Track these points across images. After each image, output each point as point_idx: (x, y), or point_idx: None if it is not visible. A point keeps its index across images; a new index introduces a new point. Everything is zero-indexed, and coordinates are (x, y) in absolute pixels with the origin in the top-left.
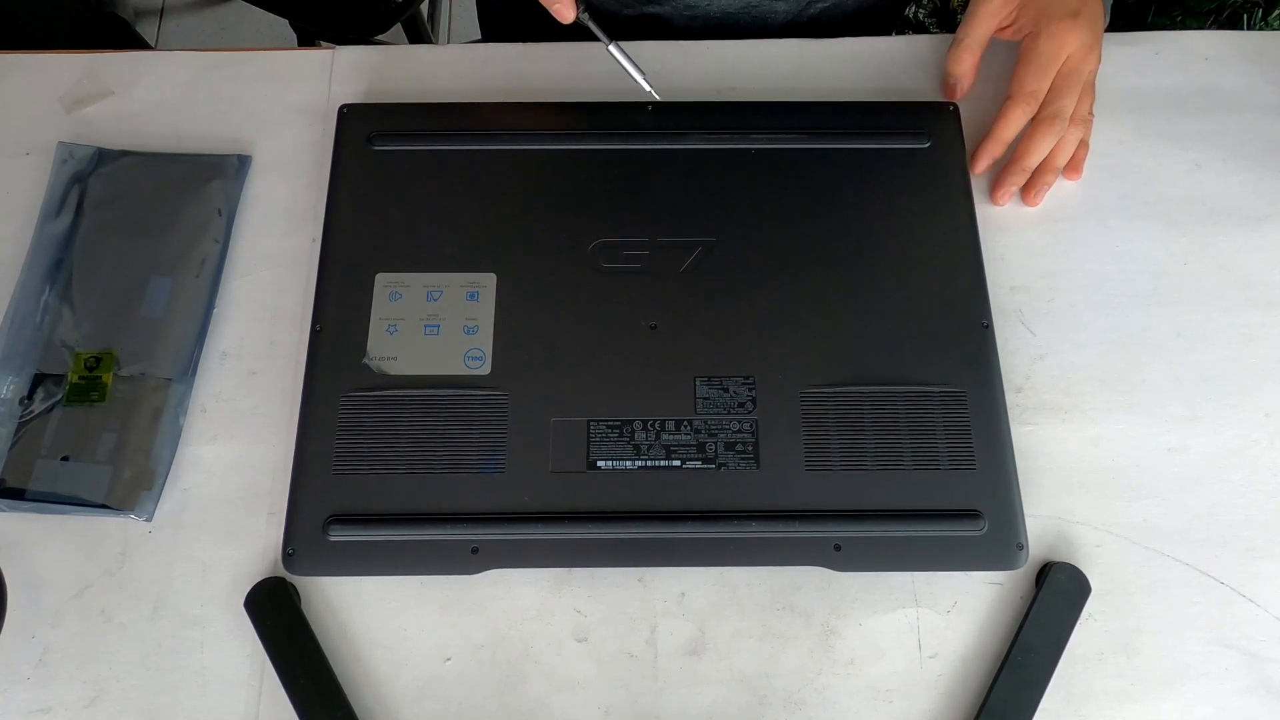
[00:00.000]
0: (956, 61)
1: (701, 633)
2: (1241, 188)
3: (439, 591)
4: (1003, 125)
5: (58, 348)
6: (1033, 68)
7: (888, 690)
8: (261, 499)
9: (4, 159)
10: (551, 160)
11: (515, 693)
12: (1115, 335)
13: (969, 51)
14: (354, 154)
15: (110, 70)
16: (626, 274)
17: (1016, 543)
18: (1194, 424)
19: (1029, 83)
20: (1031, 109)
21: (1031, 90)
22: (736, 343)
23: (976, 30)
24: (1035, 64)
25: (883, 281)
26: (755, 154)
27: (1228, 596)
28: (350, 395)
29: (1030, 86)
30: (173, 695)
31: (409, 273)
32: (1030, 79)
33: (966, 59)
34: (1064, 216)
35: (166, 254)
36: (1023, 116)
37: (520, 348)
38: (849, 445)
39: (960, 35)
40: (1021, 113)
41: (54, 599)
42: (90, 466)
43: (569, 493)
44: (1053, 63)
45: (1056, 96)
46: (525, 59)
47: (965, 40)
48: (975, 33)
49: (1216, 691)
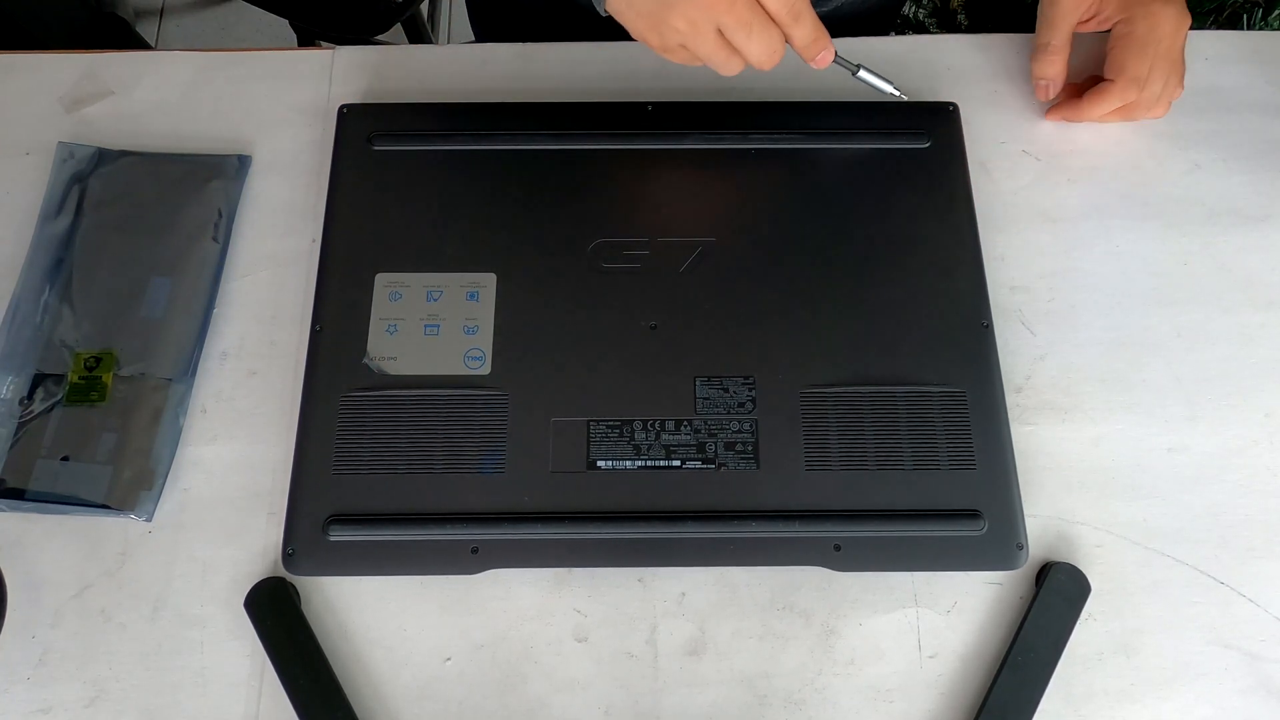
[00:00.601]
0: (1048, 65)
1: (701, 633)
2: (1241, 188)
3: (439, 591)
4: (1097, 104)
5: (58, 348)
6: (1133, 51)
7: (888, 690)
8: (261, 499)
9: (4, 159)
10: (551, 160)
11: (515, 693)
12: (1115, 335)
13: (1058, 54)
14: (354, 154)
15: (110, 70)
16: (626, 274)
17: (1016, 543)
18: (1194, 424)
19: (1131, 67)
20: (1134, 94)
21: (1134, 76)
22: (736, 343)
23: (1060, 31)
24: (1134, 47)
25: (883, 281)
26: (755, 154)
27: (1228, 596)
28: (350, 395)
29: (1133, 72)
30: (173, 695)
31: (409, 273)
32: (1132, 64)
33: (1057, 62)
34: (1064, 216)
35: (166, 254)
36: (1120, 100)
37: (520, 348)
38: (849, 445)
39: (1044, 39)
40: (1121, 97)
41: (54, 599)
42: (90, 466)
43: (569, 493)
44: (1151, 45)
45: (1150, 81)
46: (525, 59)
47: (1051, 43)
48: (1060, 34)
49: (1216, 691)
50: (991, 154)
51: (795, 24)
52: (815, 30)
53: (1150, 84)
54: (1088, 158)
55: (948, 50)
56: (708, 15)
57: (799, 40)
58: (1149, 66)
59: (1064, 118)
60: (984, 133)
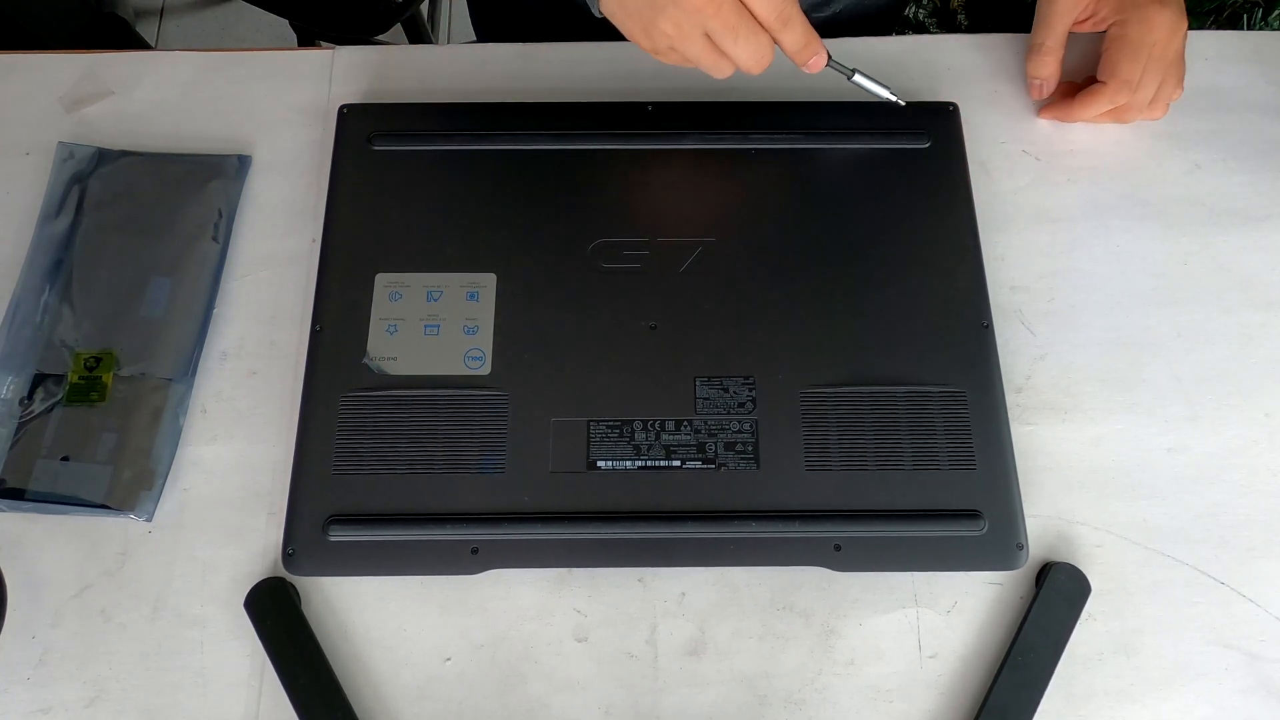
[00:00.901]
0: (1041, 66)
1: (701, 633)
2: (1241, 188)
3: (439, 591)
4: (1088, 106)
5: (58, 348)
6: (1126, 53)
7: (888, 690)
8: (261, 499)
9: (4, 159)
10: (551, 160)
11: (515, 693)
12: (1115, 335)
13: (1052, 54)
14: (354, 154)
15: (110, 70)
16: (626, 274)
17: (1016, 543)
18: (1194, 424)
19: (1123, 70)
20: (1125, 96)
21: (1126, 78)
22: (736, 343)
23: (1055, 31)
24: (1128, 50)
25: (883, 281)
26: (755, 154)
27: (1228, 596)
28: (350, 395)
29: (1125, 74)
30: (173, 695)
31: (409, 273)
32: (1125, 66)
33: (1050, 62)
34: (1064, 216)
35: (166, 254)
36: (1111, 103)
37: (520, 348)
38: (849, 445)
39: (1039, 39)
40: (1112, 100)
41: (54, 599)
42: (90, 466)
43: (569, 493)
44: (1144, 47)
45: (1143, 85)
46: (525, 59)
47: (1046, 44)
48: (1054, 34)
49: (1216, 691)
50: (991, 154)
51: (784, 29)
52: (806, 35)
53: (1143, 87)
54: (1087, 157)
55: (948, 50)
56: (694, 20)
57: (789, 46)
58: (1141, 69)
59: (1056, 117)
60: (984, 133)
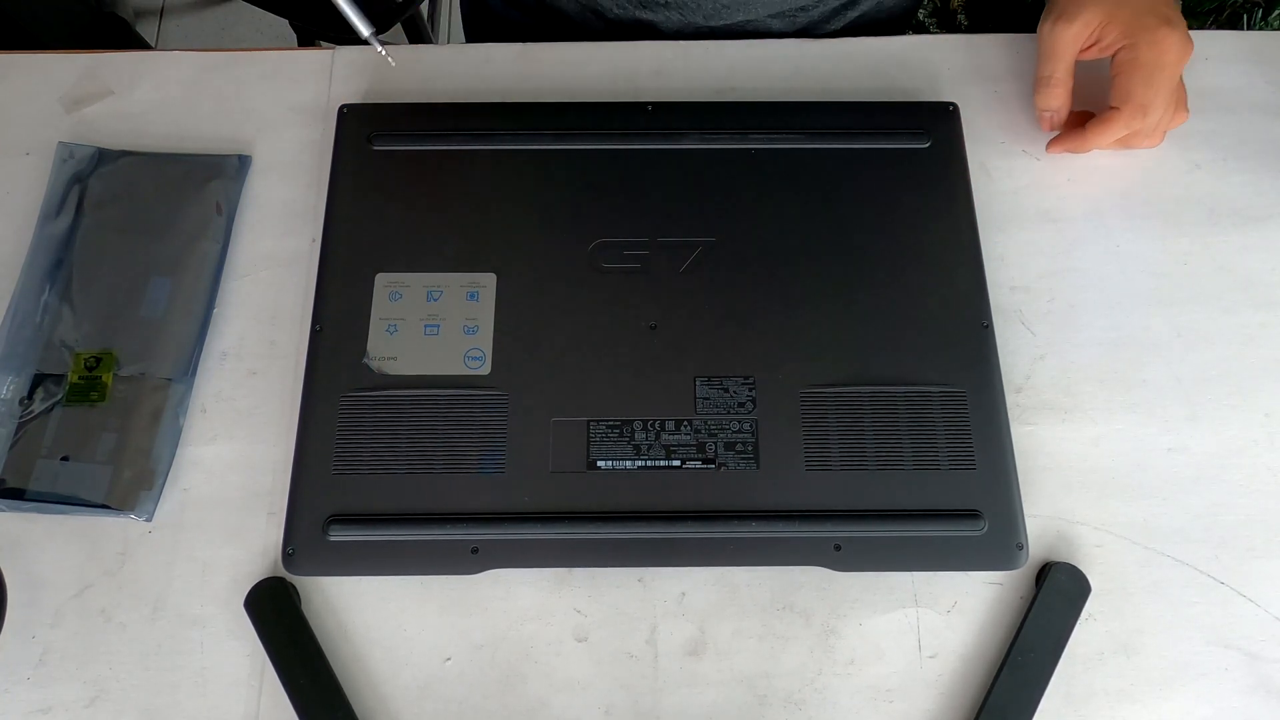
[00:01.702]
0: (1051, 98)
1: (701, 633)
2: (1241, 188)
3: (439, 591)
4: (1103, 132)
5: (58, 348)
6: (1139, 77)
7: (888, 690)
8: (261, 499)
9: (4, 159)
10: (551, 160)
11: (515, 693)
12: (1115, 335)
13: (1061, 85)
14: (354, 154)
15: (110, 70)
16: (626, 274)
17: (1016, 543)
18: (1194, 424)
19: (1137, 94)
20: (1139, 121)
21: (1142, 102)
22: (736, 343)
23: (1062, 62)
24: (1140, 74)
25: (883, 281)
26: (755, 154)
27: (1228, 596)
28: (350, 395)
29: (1139, 99)
30: (173, 695)
31: (409, 273)
32: (1139, 90)
33: (1060, 94)
34: (1064, 216)
35: (166, 254)
36: (1126, 128)
37: (520, 348)
38: (849, 445)
39: (1046, 71)
40: (1127, 125)
41: (54, 599)
42: (90, 466)
43: (569, 493)
44: (1157, 70)
45: (1153, 108)
46: (525, 59)
47: (1053, 75)
48: (1061, 65)
49: (1216, 691)
50: (991, 154)
51: None
52: None
53: (1153, 111)
54: (1087, 158)
55: (948, 50)
56: None
57: None
58: (1155, 93)
59: (1067, 149)
60: (984, 133)
